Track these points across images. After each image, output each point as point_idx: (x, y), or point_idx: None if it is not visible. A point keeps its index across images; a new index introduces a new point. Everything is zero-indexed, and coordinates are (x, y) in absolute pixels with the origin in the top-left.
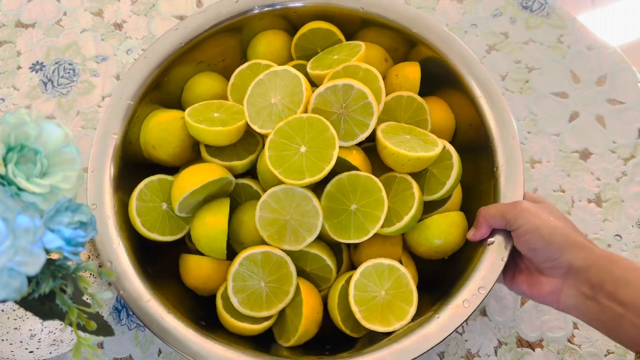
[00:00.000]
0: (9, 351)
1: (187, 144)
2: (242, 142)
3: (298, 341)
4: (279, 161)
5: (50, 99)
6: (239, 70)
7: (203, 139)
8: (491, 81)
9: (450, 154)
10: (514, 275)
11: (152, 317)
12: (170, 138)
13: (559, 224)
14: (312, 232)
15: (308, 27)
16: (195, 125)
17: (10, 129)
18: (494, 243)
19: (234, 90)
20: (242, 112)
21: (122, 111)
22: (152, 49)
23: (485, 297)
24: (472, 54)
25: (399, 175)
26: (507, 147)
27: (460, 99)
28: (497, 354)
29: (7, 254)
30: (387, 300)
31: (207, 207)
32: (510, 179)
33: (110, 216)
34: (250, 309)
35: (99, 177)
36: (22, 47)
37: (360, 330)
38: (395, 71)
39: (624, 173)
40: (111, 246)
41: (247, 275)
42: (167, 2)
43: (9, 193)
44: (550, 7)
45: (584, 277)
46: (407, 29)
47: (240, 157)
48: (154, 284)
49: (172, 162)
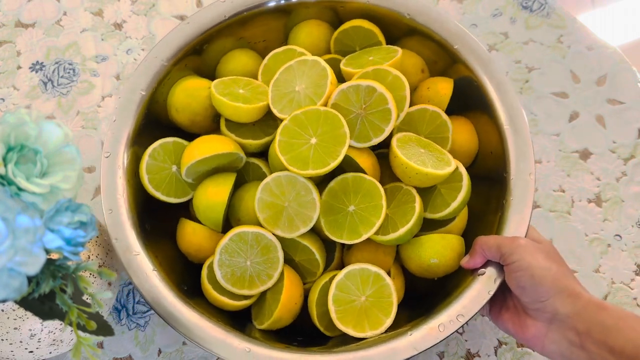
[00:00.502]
0: (9, 351)
1: (208, 114)
2: (262, 123)
3: (271, 326)
4: (287, 148)
5: (50, 98)
6: (274, 53)
7: (223, 111)
8: (521, 112)
9: (461, 176)
10: (501, 311)
11: (137, 271)
12: (194, 105)
13: (553, 267)
14: (306, 224)
15: (351, 23)
16: (218, 97)
17: (10, 128)
18: (484, 274)
19: (265, 71)
20: (266, 93)
21: (154, 70)
22: (196, 16)
23: (462, 326)
24: (508, 81)
25: (404, 187)
26: (521, 181)
27: (488, 125)
28: (497, 354)
29: (7, 254)
30: (366, 306)
31: (213, 177)
32: (518, 213)
33: (121, 166)
34: (232, 285)
35: (117, 129)
36: (22, 47)
37: (334, 330)
38: (427, 84)
39: (624, 173)
40: (114, 195)
41: (235, 251)
42: (167, 2)
43: (9, 193)
44: (550, 7)
45: (569, 324)
46: (448, 44)
47: (256, 137)
48: (148, 240)
49: (191, 128)
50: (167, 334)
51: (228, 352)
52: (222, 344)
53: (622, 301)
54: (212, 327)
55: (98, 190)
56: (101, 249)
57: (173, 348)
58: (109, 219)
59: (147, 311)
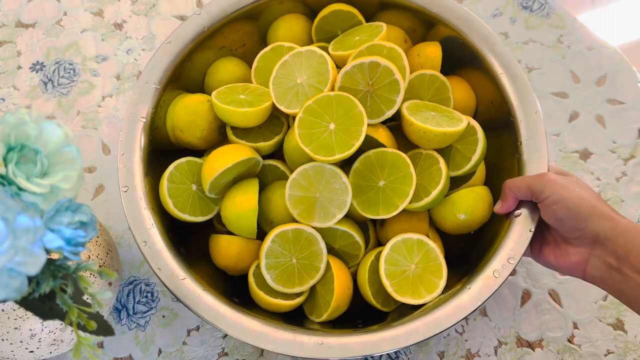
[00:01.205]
0: (9, 351)
1: (214, 127)
2: (268, 124)
3: (330, 316)
4: (309, 138)
5: (50, 98)
6: (263, 53)
7: (230, 120)
8: (512, 58)
9: (475, 130)
10: (541, 247)
11: (189, 294)
12: (198, 121)
13: (586, 195)
14: (341, 209)
15: (329, 9)
16: (223, 107)
17: (11, 128)
18: (520, 215)
19: (257, 73)
20: (267, 93)
21: (150, 95)
22: (175, 33)
23: (515, 266)
24: (492, 32)
25: (425, 152)
26: (530, 122)
27: (481, 77)
28: (497, 353)
29: (7, 254)
30: (418, 273)
31: (237, 186)
32: (535, 152)
33: (142, 197)
34: (283, 285)
35: (129, 160)
36: (23, 47)
37: (390, 305)
38: (416, 51)
39: (624, 173)
40: (144, 227)
41: (279, 252)
42: (167, 2)
43: (9, 193)
44: (550, 7)
45: (610, 247)
46: (426, 10)
47: (266, 139)
48: (187, 263)
49: (199, 145)
50: (167, 334)
51: (302, 350)
52: (293, 344)
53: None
54: (277, 331)
55: (98, 190)
56: (101, 249)
57: (173, 348)
58: (145, 251)
59: (147, 311)
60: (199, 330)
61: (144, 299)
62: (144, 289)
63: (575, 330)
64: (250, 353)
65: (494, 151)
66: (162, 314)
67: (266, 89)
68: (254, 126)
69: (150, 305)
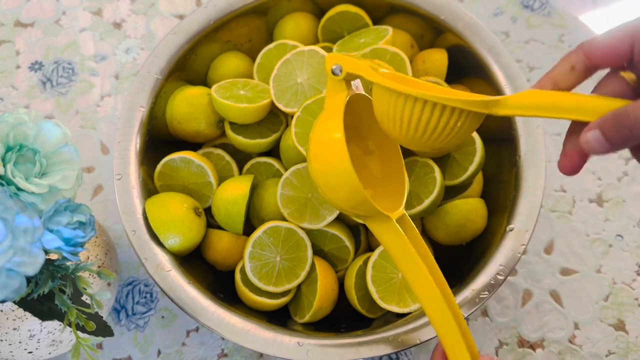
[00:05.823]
0: (8, 352)
1: (212, 121)
2: (266, 121)
3: (313, 317)
4: (305, 138)
5: (49, 98)
6: (266, 50)
7: (228, 115)
8: (517, 70)
9: (473, 140)
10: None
11: (173, 286)
12: (196, 114)
13: None
14: (332, 211)
15: (336, 10)
16: (222, 101)
17: (9, 128)
18: (513, 230)
19: (260, 70)
20: (267, 90)
21: (150, 85)
22: (181, 25)
23: (502, 283)
24: (499, 43)
25: (421, 160)
26: (530, 136)
27: (486, 88)
28: (498, 354)
29: (6, 254)
30: (404, 282)
31: (232, 177)
32: (533, 166)
33: (135, 187)
34: (259, 279)
35: (125, 148)
36: (21, 47)
37: (376, 311)
38: (422, 57)
39: (625, 173)
40: (135, 216)
41: (266, 245)
42: (167, 1)
43: (7, 193)
44: (551, 6)
45: None
46: (435, 16)
47: (264, 136)
48: (175, 255)
49: (196, 138)
50: (166, 335)
51: (281, 350)
52: (273, 344)
53: (623, 301)
54: (259, 328)
55: (97, 190)
56: (100, 249)
57: (172, 349)
58: (133, 239)
59: (147, 312)
60: (199, 332)
61: (143, 300)
62: (143, 290)
63: (576, 330)
64: (250, 355)
65: (493, 164)
66: (162, 314)
67: (267, 85)
68: (252, 122)
69: (149, 306)
